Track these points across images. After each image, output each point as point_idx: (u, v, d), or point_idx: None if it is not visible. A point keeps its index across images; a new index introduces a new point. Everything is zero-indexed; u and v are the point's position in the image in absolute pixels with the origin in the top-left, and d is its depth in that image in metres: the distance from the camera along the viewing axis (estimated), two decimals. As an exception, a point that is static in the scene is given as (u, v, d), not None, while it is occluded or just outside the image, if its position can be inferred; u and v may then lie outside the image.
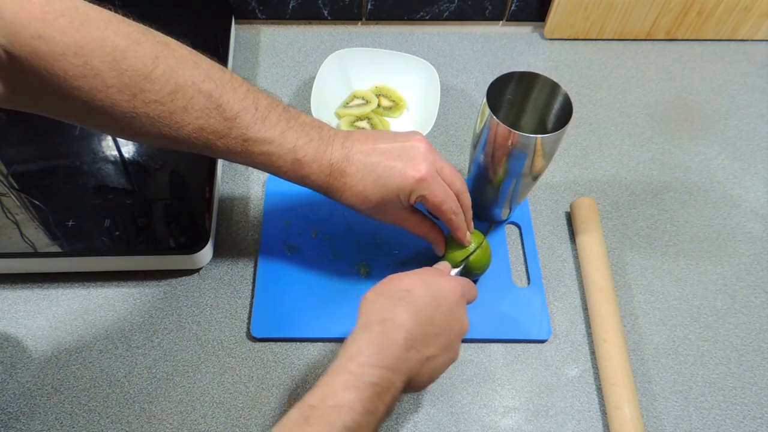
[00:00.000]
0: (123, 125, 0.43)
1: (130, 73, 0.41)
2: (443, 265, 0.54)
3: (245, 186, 0.68)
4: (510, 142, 0.53)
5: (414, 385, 0.44)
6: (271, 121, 0.47)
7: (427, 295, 0.45)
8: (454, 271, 0.55)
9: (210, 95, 0.44)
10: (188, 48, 0.45)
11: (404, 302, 0.44)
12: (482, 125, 0.55)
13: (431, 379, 0.45)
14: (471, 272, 0.57)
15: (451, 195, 0.51)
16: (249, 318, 0.59)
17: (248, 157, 0.48)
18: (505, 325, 0.59)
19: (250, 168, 0.69)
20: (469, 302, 0.50)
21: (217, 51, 0.73)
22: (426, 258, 0.63)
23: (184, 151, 0.47)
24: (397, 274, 0.47)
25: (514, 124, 0.60)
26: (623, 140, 0.74)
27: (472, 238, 0.56)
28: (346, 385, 0.39)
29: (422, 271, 0.48)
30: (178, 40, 0.45)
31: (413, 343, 0.42)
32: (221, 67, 0.47)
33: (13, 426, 0.53)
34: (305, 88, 0.77)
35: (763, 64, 0.82)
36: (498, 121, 0.52)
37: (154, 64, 0.42)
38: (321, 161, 0.49)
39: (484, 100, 0.54)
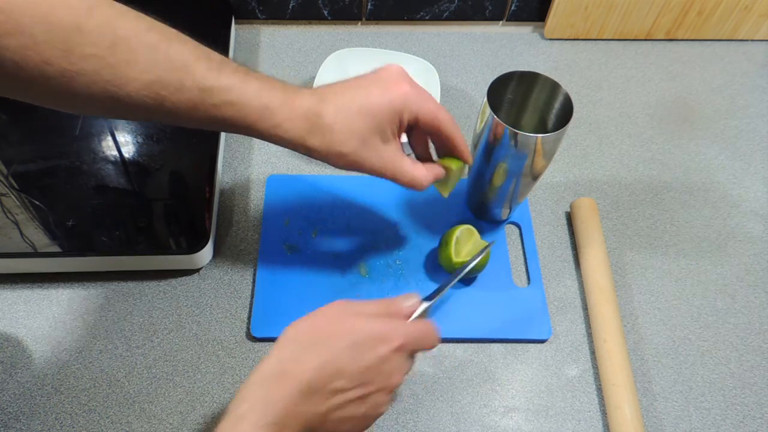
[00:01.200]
0: (63, 87, 0.40)
1: (61, 26, 0.38)
2: (410, 300, 0.46)
3: (245, 186, 0.68)
4: (510, 141, 0.53)
5: None
6: (227, 70, 0.44)
7: (347, 347, 0.41)
8: (422, 306, 0.46)
9: (155, 46, 0.42)
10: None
11: (315, 350, 0.41)
12: (483, 125, 0.55)
13: (340, 430, 0.42)
14: (469, 272, 0.57)
15: (442, 107, 0.49)
16: (249, 318, 0.59)
17: (209, 112, 0.44)
18: (505, 325, 0.59)
19: (250, 168, 0.70)
20: (420, 350, 0.45)
21: (217, 51, 0.73)
22: (426, 258, 0.63)
23: (143, 121, 0.44)
24: (326, 314, 0.44)
25: (515, 123, 0.60)
26: (623, 140, 0.74)
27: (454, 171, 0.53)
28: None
29: (358, 314, 0.43)
30: None
31: (311, 396, 0.40)
32: (165, 24, 0.44)
33: (13, 426, 0.53)
34: (305, 88, 0.77)
35: (763, 64, 0.82)
36: (499, 120, 0.52)
37: (88, 15, 0.39)
38: (292, 106, 0.45)
39: (485, 99, 0.54)
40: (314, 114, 0.45)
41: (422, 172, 0.51)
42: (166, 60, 0.42)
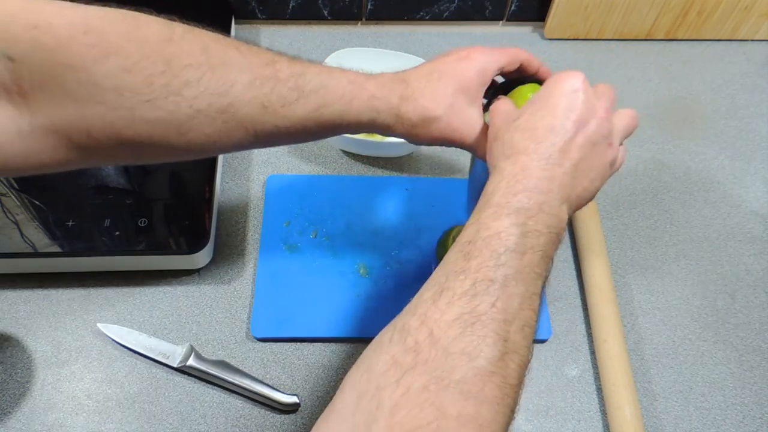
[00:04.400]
0: (172, 111, 0.37)
1: (152, 40, 0.37)
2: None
3: (245, 186, 0.68)
4: None
5: (577, 196, 0.41)
6: (305, 63, 0.44)
7: (539, 109, 0.42)
8: None
9: (237, 47, 0.41)
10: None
11: (519, 131, 0.41)
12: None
13: (592, 183, 0.42)
14: None
15: (510, 49, 0.49)
16: (249, 318, 0.59)
17: (305, 102, 0.42)
18: (505, 325, 0.59)
19: (250, 168, 0.70)
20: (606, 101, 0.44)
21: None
22: (426, 258, 0.63)
23: (248, 140, 0.42)
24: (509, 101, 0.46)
25: None
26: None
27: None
28: (495, 216, 0.38)
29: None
30: None
31: (547, 161, 0.40)
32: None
33: (13, 426, 0.53)
34: (305, 88, 0.77)
35: (763, 64, 0.82)
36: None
37: (171, 28, 0.38)
38: (378, 79, 0.45)
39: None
40: (401, 81, 0.45)
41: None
42: (255, 55, 0.42)
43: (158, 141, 0.39)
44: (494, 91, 0.53)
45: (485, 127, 0.47)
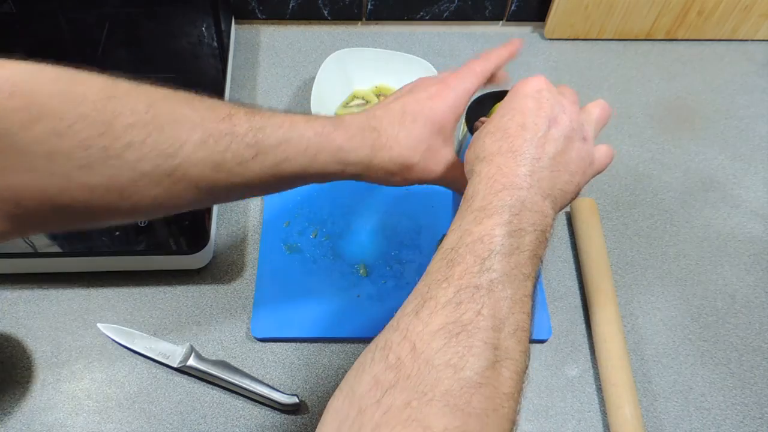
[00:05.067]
0: (110, 176, 0.34)
1: (91, 99, 0.34)
2: None
3: (245, 186, 0.68)
4: None
5: (560, 190, 0.40)
6: (265, 114, 0.41)
7: (507, 112, 0.41)
8: None
9: (190, 102, 0.38)
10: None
11: (490, 134, 0.40)
12: (461, 145, 0.54)
13: (572, 176, 0.40)
14: None
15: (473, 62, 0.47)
16: (249, 318, 0.59)
17: (264, 158, 0.40)
18: (505, 325, 0.59)
19: (250, 168, 0.69)
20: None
21: (217, 51, 0.73)
22: (426, 258, 0.63)
23: (198, 196, 0.39)
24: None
25: None
26: (623, 140, 0.74)
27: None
28: (477, 220, 0.36)
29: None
30: (178, 40, 0.44)
31: (523, 156, 0.38)
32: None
33: (12, 426, 0.53)
34: (305, 88, 0.77)
35: (763, 64, 0.82)
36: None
37: (114, 85, 0.35)
38: (346, 127, 0.42)
39: (462, 119, 0.53)
40: (372, 129, 0.43)
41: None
42: (210, 110, 0.39)
43: (99, 206, 0.36)
44: (471, 109, 0.53)
45: (460, 164, 0.45)
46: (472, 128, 0.52)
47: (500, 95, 0.53)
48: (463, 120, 0.52)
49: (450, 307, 0.33)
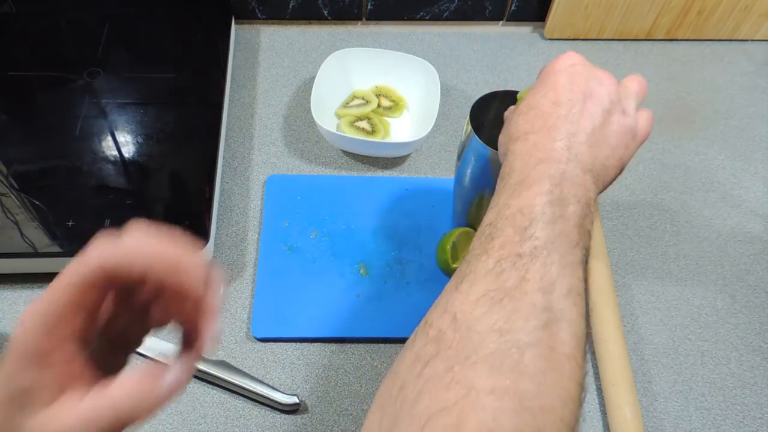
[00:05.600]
0: None
1: None
2: None
3: (245, 186, 0.68)
4: (492, 162, 0.52)
5: (601, 165, 0.38)
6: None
7: (539, 90, 0.39)
8: None
9: None
10: None
11: (522, 114, 0.39)
12: (464, 147, 0.54)
13: (614, 151, 0.38)
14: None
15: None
16: (249, 318, 0.59)
17: None
18: (505, 325, 0.59)
19: (250, 168, 0.70)
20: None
21: (217, 51, 0.73)
22: (426, 258, 0.63)
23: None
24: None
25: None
26: (623, 140, 0.74)
27: None
28: (515, 194, 0.35)
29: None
30: (178, 40, 0.43)
31: (559, 132, 0.37)
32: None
33: (13, 426, 0.53)
34: (305, 88, 0.77)
35: (763, 64, 0.82)
36: (480, 141, 0.51)
37: None
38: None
39: (467, 119, 0.53)
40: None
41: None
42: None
43: None
44: (474, 109, 0.52)
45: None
46: (476, 128, 0.52)
47: (504, 94, 0.54)
48: (467, 120, 0.53)
49: (491, 276, 0.31)
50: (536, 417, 0.27)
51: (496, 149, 0.44)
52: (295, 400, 0.54)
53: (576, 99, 0.38)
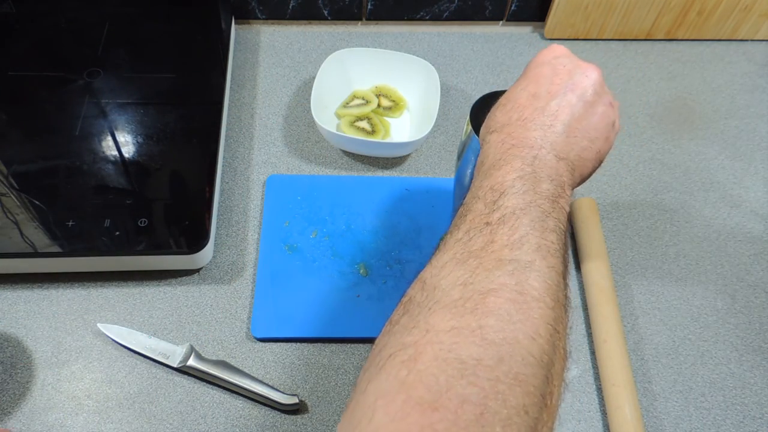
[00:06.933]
0: None
1: None
2: None
3: (245, 186, 0.68)
4: None
5: (578, 155, 0.37)
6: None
7: (520, 83, 0.39)
8: None
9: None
10: None
11: (500, 107, 0.39)
12: (464, 147, 0.54)
13: (592, 143, 0.38)
14: None
15: None
16: (249, 318, 0.59)
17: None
18: (505, 325, 0.59)
19: (250, 168, 0.70)
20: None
21: (217, 51, 0.73)
22: (426, 258, 0.63)
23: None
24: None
25: None
26: (623, 140, 0.74)
27: None
28: (486, 176, 0.35)
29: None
30: (178, 40, 0.43)
31: (533, 124, 0.37)
32: None
33: (12, 426, 0.53)
34: (305, 88, 0.77)
35: (763, 64, 0.82)
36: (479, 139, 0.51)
37: None
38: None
39: (467, 119, 0.53)
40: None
41: None
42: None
43: None
44: (474, 108, 0.52)
45: None
46: (476, 128, 0.52)
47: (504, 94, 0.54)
48: (467, 120, 0.53)
49: (459, 244, 0.32)
50: (499, 347, 0.28)
51: None
52: (295, 400, 0.54)
53: (556, 91, 0.38)
